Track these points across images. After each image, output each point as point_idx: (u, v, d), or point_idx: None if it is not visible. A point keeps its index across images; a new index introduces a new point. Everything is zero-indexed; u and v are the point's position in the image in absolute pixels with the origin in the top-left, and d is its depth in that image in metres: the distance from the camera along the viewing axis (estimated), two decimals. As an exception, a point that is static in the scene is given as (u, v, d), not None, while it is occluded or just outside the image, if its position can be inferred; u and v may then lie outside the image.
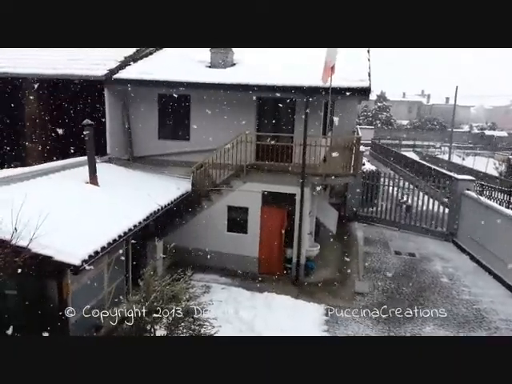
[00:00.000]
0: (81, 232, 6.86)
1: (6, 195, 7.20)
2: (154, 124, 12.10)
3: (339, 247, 13.68)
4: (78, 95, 12.37)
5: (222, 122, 11.38)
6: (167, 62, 12.32)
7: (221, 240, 11.36)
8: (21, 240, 5.68)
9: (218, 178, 11.39)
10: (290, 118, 11.33)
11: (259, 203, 11.09)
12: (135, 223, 8.01)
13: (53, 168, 9.31)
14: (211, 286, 10.34)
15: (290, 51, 10.84)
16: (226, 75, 11.04)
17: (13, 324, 5.92)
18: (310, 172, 10.62)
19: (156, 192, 9.90)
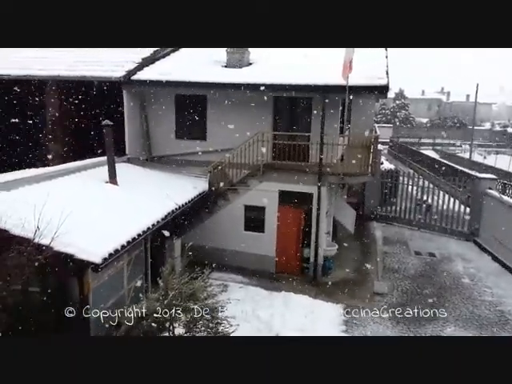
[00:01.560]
0: (101, 231, 6.97)
1: (29, 194, 7.39)
2: (171, 124, 12.21)
3: (357, 247, 13.53)
4: (97, 96, 12.62)
5: (238, 122, 11.41)
6: (184, 63, 12.42)
7: (238, 239, 11.37)
8: (43, 238, 5.81)
9: (235, 177, 11.41)
10: (307, 116, 11.27)
11: (276, 202, 11.06)
12: (154, 222, 8.11)
13: (74, 168, 9.49)
14: (229, 285, 10.37)
15: (306, 50, 10.78)
16: (242, 75, 11.07)
17: (35, 320, 6.07)
18: (327, 171, 10.54)
19: (174, 191, 9.99)
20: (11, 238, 5.86)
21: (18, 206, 6.53)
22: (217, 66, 11.89)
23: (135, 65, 11.84)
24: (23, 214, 6.03)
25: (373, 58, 10.95)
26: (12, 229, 5.92)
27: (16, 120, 13.66)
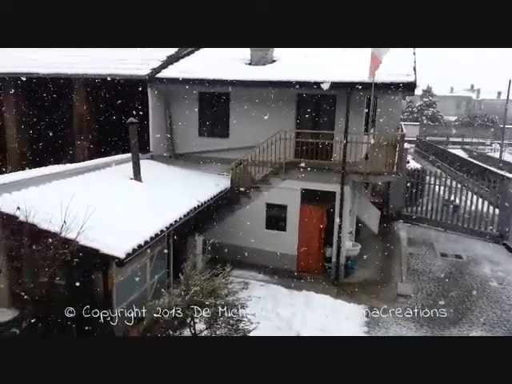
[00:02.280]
0: (125, 226, 7.09)
1: (57, 190, 7.59)
2: (194, 122, 12.30)
3: (381, 247, 13.29)
4: (122, 94, 12.84)
5: (261, 119, 11.38)
6: (208, 61, 12.48)
7: (259, 237, 11.36)
8: (69, 233, 5.96)
9: (257, 175, 11.40)
10: (331, 114, 11.13)
11: (298, 201, 10.98)
12: (176, 218, 8.19)
13: (99, 164, 9.70)
14: (249, 283, 10.38)
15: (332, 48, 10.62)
16: (265, 72, 11.03)
17: (61, 313, 6.23)
18: (350, 170, 10.38)
19: (196, 188, 10.07)
20: (39, 232, 6.04)
21: (45, 201, 6.72)
22: (240, 63, 11.88)
23: (160, 63, 11.98)
24: (51, 209, 6.20)
25: (400, 55, 10.70)
26: (40, 223, 6.09)
27: (45, 117, 14.08)
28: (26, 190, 7.18)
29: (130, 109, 11.84)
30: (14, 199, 6.53)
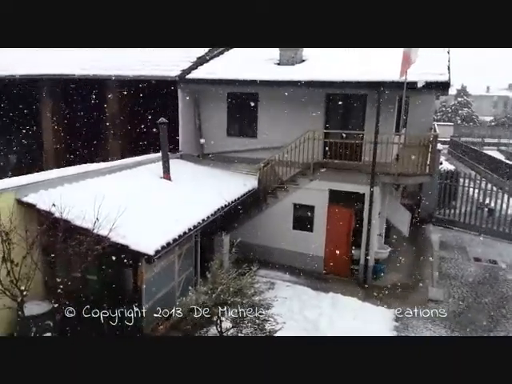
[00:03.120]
0: (154, 224, 7.23)
1: (90, 188, 7.83)
2: (223, 122, 12.40)
3: (411, 251, 12.96)
4: (153, 95, 13.11)
5: (289, 120, 11.34)
6: (237, 61, 12.55)
7: (286, 237, 11.32)
8: (102, 229, 6.13)
9: (285, 175, 11.36)
10: (361, 114, 10.96)
11: (326, 202, 10.86)
12: (204, 217, 8.28)
13: (130, 163, 9.94)
14: (276, 283, 10.35)
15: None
16: (295, 72, 10.97)
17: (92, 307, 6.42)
18: (380, 170, 10.18)
19: (223, 188, 10.14)
20: (73, 228, 6.25)
21: (79, 199, 6.95)
22: (269, 63, 11.88)
23: (190, 64, 12.15)
24: (84, 206, 6.40)
25: (434, 53, 10.40)
26: (74, 220, 6.30)
27: (79, 117, 14.57)
28: (61, 188, 7.44)
29: (160, 109, 12.08)
30: (50, 196, 6.79)
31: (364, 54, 10.81)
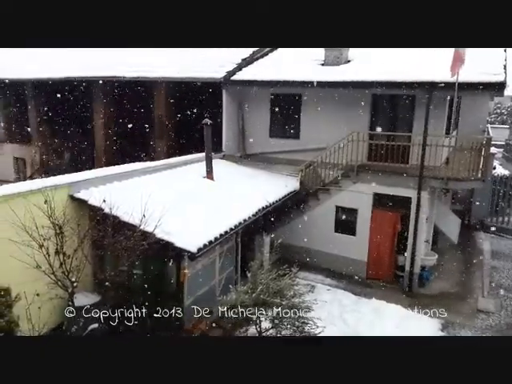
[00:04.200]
0: (197, 222, 7.38)
1: (137, 185, 8.13)
2: (265, 123, 12.43)
3: (460, 259, 12.34)
4: (198, 96, 13.40)
5: (333, 121, 11.16)
6: (281, 62, 12.54)
7: (327, 240, 11.15)
8: (148, 226, 6.34)
9: (327, 177, 11.19)
10: (408, 115, 10.59)
11: (370, 205, 10.59)
12: (245, 217, 8.33)
13: (175, 163, 10.21)
14: (316, 286, 10.22)
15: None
16: (340, 73, 10.80)
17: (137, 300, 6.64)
18: (429, 174, 9.78)
19: (265, 188, 10.17)
20: (121, 223, 6.50)
21: (126, 196, 7.23)
22: (314, 64, 11.77)
23: (234, 65, 12.29)
24: (131, 203, 6.65)
25: (488, 52, 9.87)
26: (122, 216, 6.56)
27: (128, 118, 15.17)
28: (110, 185, 7.78)
29: (205, 110, 12.32)
30: (100, 193, 7.11)
31: (412, 53, 10.44)
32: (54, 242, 5.82)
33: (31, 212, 5.69)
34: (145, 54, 13.96)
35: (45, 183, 6.31)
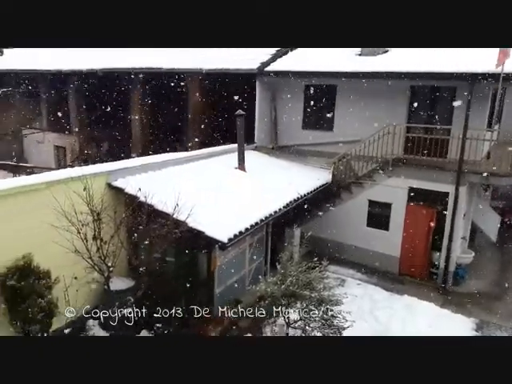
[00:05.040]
0: (228, 212, 7.45)
1: (170, 175, 8.30)
2: (298, 114, 12.31)
3: (499, 257, 11.84)
4: (231, 87, 13.43)
5: (368, 113, 10.90)
6: (317, 53, 12.32)
7: (359, 234, 10.99)
8: (180, 214, 6.47)
9: (361, 170, 10.99)
10: (448, 107, 10.17)
11: (405, 200, 10.32)
12: (276, 209, 8.33)
13: (208, 153, 10.34)
14: (346, 280, 10.12)
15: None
16: (377, 63, 10.51)
17: (169, 287, 6.82)
18: (468, 169, 9.41)
19: (296, 180, 10.11)
20: (155, 212, 6.67)
21: (160, 185, 7.40)
22: (350, 54, 11.51)
23: (269, 56, 12.22)
24: (165, 192, 6.80)
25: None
26: (156, 204, 6.72)
27: (163, 109, 15.46)
28: (145, 174, 7.98)
29: (238, 101, 12.34)
30: (136, 181, 7.32)
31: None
32: (91, 227, 6.06)
33: (71, 198, 5.93)
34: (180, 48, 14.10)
35: (84, 171, 6.55)
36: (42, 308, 5.81)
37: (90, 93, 16.85)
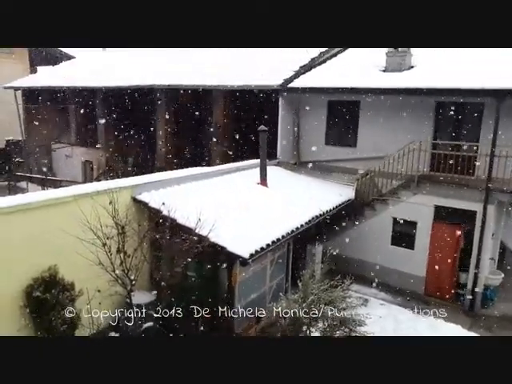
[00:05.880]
0: (250, 228, 7.43)
1: (193, 190, 8.38)
2: (321, 130, 12.30)
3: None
4: (254, 103, 13.58)
5: (393, 129, 10.79)
6: (341, 69, 12.35)
7: (383, 253, 10.75)
8: (202, 230, 6.50)
9: (385, 187, 10.82)
10: (476, 124, 9.96)
11: (430, 218, 10.07)
12: (298, 225, 8.26)
13: (230, 168, 10.40)
14: (369, 300, 9.88)
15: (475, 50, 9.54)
16: (401, 79, 10.43)
17: (190, 302, 6.81)
18: (497, 187, 9.13)
19: (319, 197, 10.03)
20: (178, 226, 6.73)
21: (184, 199, 7.47)
22: (375, 70, 11.47)
23: (292, 73, 12.31)
24: (187, 206, 6.86)
25: None
26: (179, 219, 6.78)
27: (187, 124, 15.74)
28: (169, 188, 8.08)
29: (260, 117, 12.45)
30: (160, 195, 7.42)
31: (480, 57, 9.85)
32: (115, 240, 6.14)
33: (97, 212, 6.05)
34: (204, 63, 14.43)
35: (110, 185, 6.68)
36: (65, 320, 5.90)
37: (117, 108, 17.36)
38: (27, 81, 20.42)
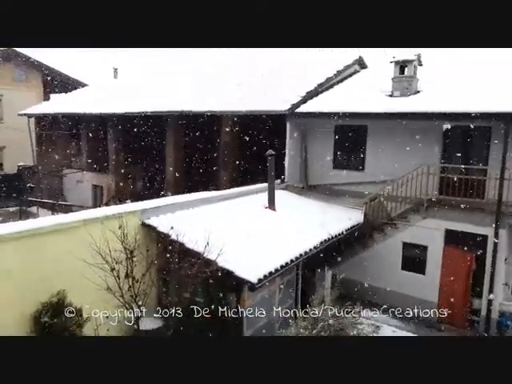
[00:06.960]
0: (258, 252, 7.39)
1: (201, 214, 8.39)
2: (329, 154, 12.37)
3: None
4: (262, 128, 13.75)
5: (400, 153, 10.81)
6: (347, 94, 12.53)
7: (393, 278, 10.57)
8: (210, 254, 6.47)
9: (394, 210, 10.75)
10: (484, 147, 9.95)
11: (441, 242, 9.94)
12: (306, 249, 8.20)
13: (238, 193, 10.43)
14: (381, 327, 9.65)
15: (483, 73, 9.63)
16: (408, 103, 10.53)
17: (197, 327, 6.71)
18: (508, 211, 9.02)
19: (327, 220, 9.97)
20: (186, 250, 6.71)
21: (192, 224, 7.48)
22: (381, 95, 11.61)
23: (299, 98, 12.50)
24: (195, 231, 6.86)
25: None
26: (187, 243, 6.77)
27: (196, 149, 15.93)
28: (179, 212, 8.11)
29: (268, 141, 12.58)
30: (168, 220, 7.44)
31: (486, 82, 9.93)
32: (124, 265, 6.13)
33: (106, 236, 6.07)
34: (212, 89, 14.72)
35: (119, 209, 6.73)
36: (73, 346, 5.83)
37: (126, 134, 17.68)
38: (40, 108, 21.00)
